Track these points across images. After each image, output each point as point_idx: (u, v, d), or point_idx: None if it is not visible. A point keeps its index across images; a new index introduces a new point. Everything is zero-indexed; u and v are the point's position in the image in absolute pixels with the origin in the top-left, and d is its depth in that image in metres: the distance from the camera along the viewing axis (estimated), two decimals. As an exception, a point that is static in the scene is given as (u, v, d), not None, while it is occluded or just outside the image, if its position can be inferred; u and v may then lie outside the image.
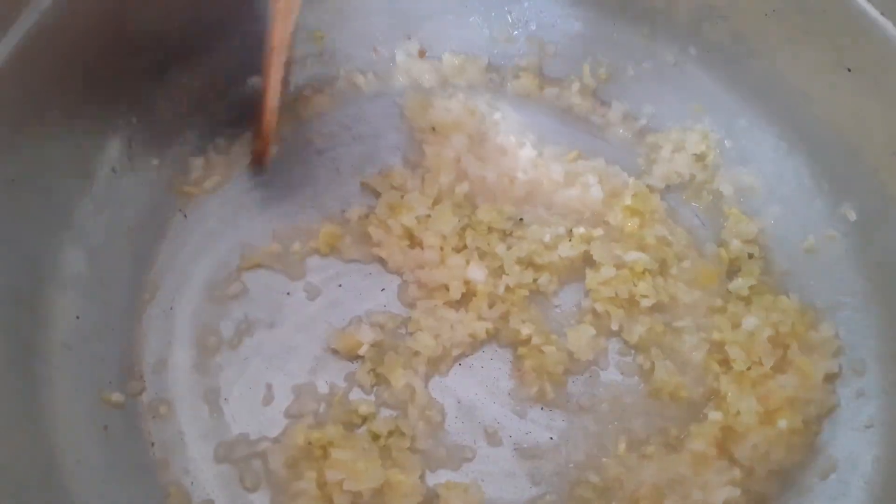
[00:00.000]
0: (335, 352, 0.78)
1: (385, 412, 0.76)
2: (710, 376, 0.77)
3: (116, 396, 0.72)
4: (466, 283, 0.80)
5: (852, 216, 0.81)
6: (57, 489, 0.63)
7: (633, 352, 0.80)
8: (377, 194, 0.86)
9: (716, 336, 0.78)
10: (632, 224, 0.83)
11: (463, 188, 0.85)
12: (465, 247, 0.83)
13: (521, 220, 0.85)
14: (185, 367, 0.76)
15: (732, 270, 0.84)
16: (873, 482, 0.72)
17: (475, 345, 0.79)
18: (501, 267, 0.81)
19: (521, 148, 0.89)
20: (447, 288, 0.80)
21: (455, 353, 0.78)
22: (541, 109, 0.94)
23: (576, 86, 0.94)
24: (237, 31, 0.86)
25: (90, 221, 0.75)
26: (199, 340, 0.78)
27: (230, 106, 0.88)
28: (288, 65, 0.79)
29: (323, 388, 0.76)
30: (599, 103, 0.94)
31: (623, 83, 0.94)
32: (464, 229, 0.83)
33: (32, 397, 0.65)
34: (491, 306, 0.80)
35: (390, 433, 0.73)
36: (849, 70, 0.77)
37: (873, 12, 0.74)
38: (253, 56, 0.86)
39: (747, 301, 0.81)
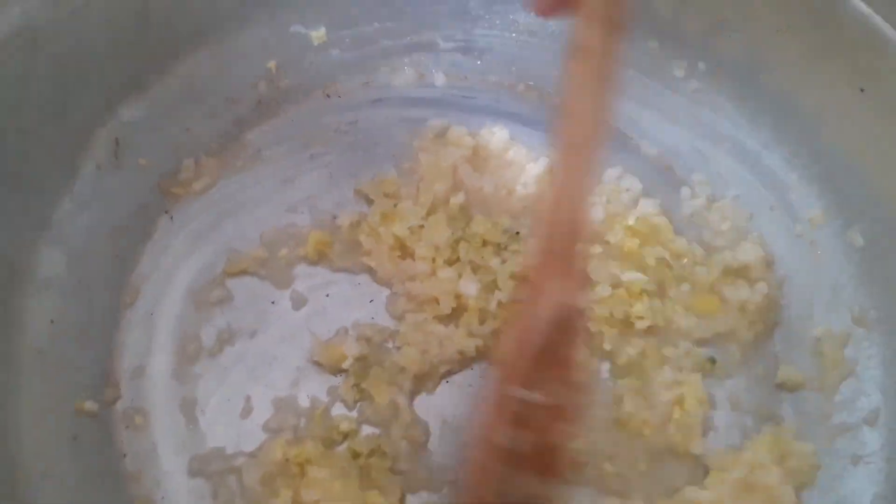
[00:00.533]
0: (318, 364, 0.75)
1: (367, 430, 0.73)
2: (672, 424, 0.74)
3: (90, 405, 0.69)
4: (458, 296, 0.77)
5: (859, 241, 0.78)
6: (22, 500, 0.60)
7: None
8: (370, 202, 0.84)
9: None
10: (631, 244, 0.80)
11: (458, 199, 0.83)
12: (457, 259, 0.80)
13: (517, 233, 0.83)
14: (163, 375, 0.74)
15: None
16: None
17: (464, 362, 0.76)
18: (495, 281, 0.78)
19: (530, 162, 0.86)
20: (437, 301, 0.77)
21: (442, 369, 0.76)
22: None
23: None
24: (240, 27, 0.85)
25: (70, 221, 0.73)
26: (179, 348, 0.75)
27: (228, 105, 0.86)
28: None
29: (304, 402, 0.74)
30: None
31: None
32: (457, 241, 0.80)
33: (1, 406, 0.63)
34: (482, 322, 0.77)
35: (371, 452, 0.70)
36: (862, 90, 0.74)
37: (890, 31, 0.71)
38: (257, 55, 0.87)
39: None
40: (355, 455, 0.70)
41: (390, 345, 0.77)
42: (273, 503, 0.67)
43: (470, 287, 0.78)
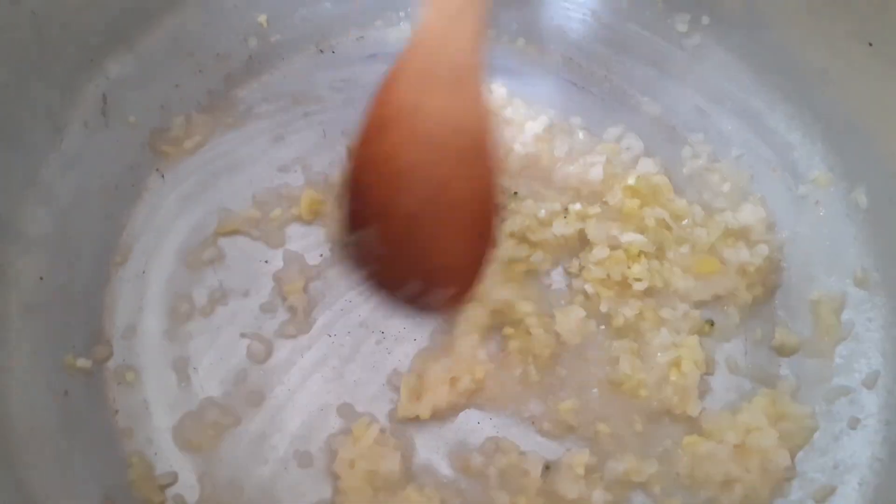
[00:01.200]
0: (311, 324, 0.75)
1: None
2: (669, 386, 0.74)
3: (82, 362, 0.69)
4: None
5: (864, 202, 0.76)
6: (8, 453, 0.60)
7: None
8: (364, 160, 0.82)
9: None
10: (631, 204, 0.79)
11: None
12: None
13: (515, 193, 0.81)
14: (155, 333, 0.74)
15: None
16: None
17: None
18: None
19: (529, 120, 0.84)
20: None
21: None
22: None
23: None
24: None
25: (58, 179, 0.72)
26: (171, 307, 0.75)
27: (218, 61, 0.84)
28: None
29: (296, 361, 0.74)
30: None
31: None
32: (453, 201, 0.79)
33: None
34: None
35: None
36: (870, 45, 0.72)
37: (900, -18, 0.68)
38: (247, 8, 0.84)
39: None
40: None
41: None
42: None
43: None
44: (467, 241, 0.69)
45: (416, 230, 0.68)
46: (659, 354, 0.74)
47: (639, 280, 0.76)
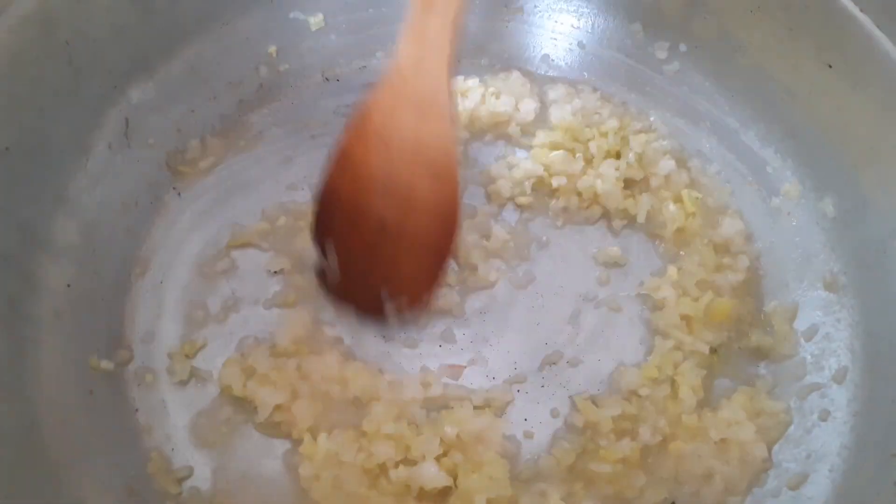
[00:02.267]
0: (319, 329, 0.80)
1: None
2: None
3: (105, 364, 0.74)
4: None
5: (831, 211, 0.81)
6: (39, 446, 0.65)
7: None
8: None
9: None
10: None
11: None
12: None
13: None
14: (173, 339, 0.79)
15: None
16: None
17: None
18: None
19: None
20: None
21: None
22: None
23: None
24: (241, 14, 0.90)
25: (85, 195, 0.78)
26: (187, 314, 0.80)
27: (231, 88, 0.91)
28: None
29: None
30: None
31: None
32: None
33: (20, 358, 0.67)
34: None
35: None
36: (830, 66, 0.78)
37: (853, 9, 0.75)
38: (258, 40, 0.91)
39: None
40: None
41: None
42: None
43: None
44: (428, 254, 0.74)
45: (381, 240, 0.74)
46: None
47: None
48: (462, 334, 0.82)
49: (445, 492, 0.71)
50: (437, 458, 0.71)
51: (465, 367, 0.80)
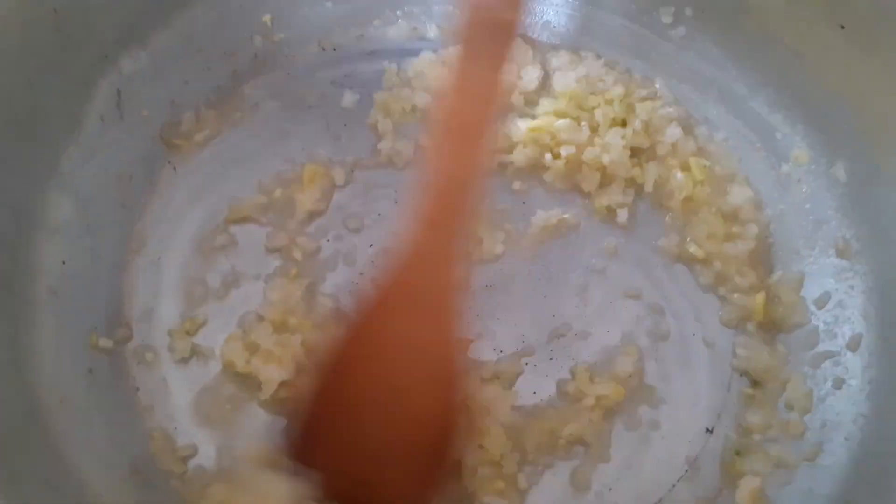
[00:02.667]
0: (321, 304, 0.78)
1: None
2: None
3: (104, 342, 0.72)
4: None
5: (842, 177, 0.80)
6: (39, 426, 0.63)
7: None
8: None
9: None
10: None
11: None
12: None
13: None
14: (173, 316, 0.77)
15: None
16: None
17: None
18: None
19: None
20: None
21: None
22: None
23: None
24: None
25: (78, 169, 0.75)
26: (186, 291, 0.78)
27: (225, 58, 0.88)
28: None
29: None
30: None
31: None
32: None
33: (17, 338, 0.65)
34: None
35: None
36: (842, 27, 0.76)
37: (867, -33, 0.73)
38: (252, 8, 0.88)
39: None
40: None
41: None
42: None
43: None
44: (423, 466, 0.67)
45: (376, 455, 0.65)
46: None
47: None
48: (468, 308, 0.80)
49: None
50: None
51: (473, 340, 0.78)
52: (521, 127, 0.87)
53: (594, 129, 0.86)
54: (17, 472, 0.58)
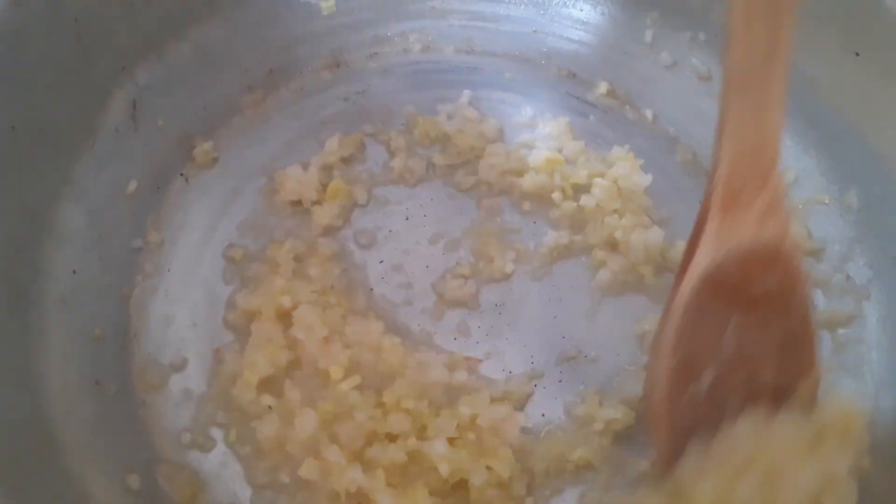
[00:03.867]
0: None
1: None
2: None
3: (110, 353, 0.72)
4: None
5: (855, 203, 0.80)
6: (44, 435, 0.62)
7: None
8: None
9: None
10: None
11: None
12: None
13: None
14: (183, 327, 0.76)
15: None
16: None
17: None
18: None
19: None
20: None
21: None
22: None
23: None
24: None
25: (91, 179, 0.75)
26: (195, 301, 0.78)
27: (240, 72, 0.89)
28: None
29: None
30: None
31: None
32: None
33: (25, 345, 0.65)
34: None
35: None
36: (857, 54, 0.77)
37: (882, -5, 0.73)
38: (268, 23, 0.89)
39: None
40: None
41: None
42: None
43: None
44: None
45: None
46: None
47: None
48: (477, 327, 0.80)
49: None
50: (450, 440, 0.69)
51: (481, 360, 0.77)
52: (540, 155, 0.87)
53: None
54: (21, 482, 0.57)
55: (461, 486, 0.68)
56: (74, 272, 0.71)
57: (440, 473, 0.66)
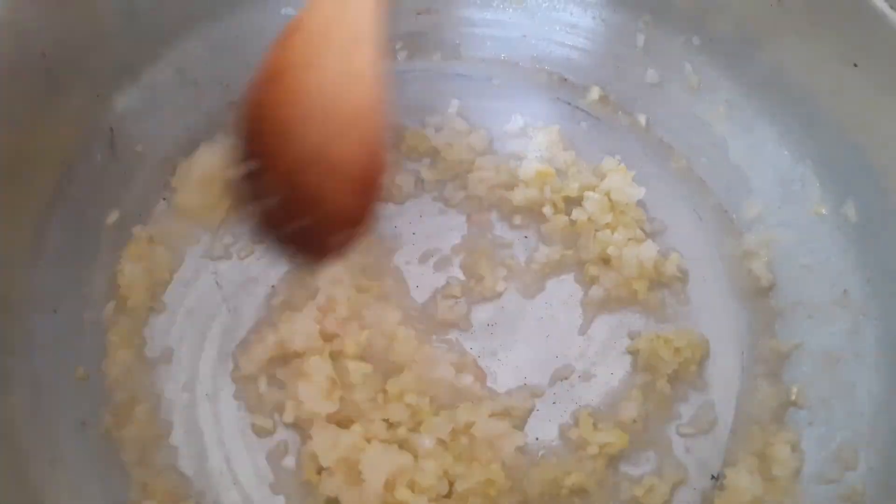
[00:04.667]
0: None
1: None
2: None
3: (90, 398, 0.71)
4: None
5: (853, 216, 0.78)
6: (27, 483, 0.62)
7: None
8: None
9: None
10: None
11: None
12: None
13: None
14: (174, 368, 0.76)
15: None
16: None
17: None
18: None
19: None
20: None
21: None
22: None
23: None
24: (231, 11, 0.85)
25: (71, 207, 0.74)
26: (182, 327, 0.78)
27: (221, 91, 0.86)
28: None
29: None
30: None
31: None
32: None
33: (7, 391, 0.64)
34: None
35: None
36: (855, 65, 0.74)
37: (881, 5, 0.70)
38: (249, 39, 0.85)
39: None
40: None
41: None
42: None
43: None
44: (353, 192, 0.68)
45: (304, 177, 0.67)
46: None
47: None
48: (469, 348, 0.79)
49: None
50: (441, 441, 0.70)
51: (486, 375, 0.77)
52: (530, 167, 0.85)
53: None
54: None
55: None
56: (55, 312, 0.70)
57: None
